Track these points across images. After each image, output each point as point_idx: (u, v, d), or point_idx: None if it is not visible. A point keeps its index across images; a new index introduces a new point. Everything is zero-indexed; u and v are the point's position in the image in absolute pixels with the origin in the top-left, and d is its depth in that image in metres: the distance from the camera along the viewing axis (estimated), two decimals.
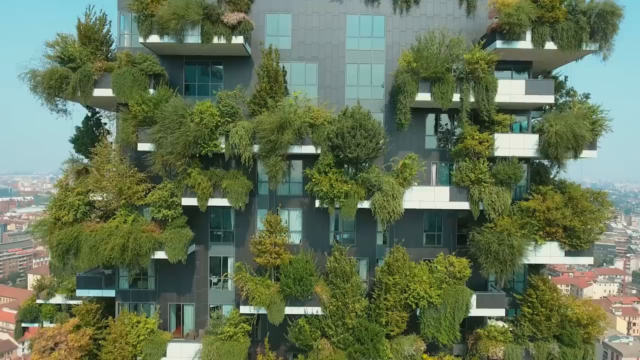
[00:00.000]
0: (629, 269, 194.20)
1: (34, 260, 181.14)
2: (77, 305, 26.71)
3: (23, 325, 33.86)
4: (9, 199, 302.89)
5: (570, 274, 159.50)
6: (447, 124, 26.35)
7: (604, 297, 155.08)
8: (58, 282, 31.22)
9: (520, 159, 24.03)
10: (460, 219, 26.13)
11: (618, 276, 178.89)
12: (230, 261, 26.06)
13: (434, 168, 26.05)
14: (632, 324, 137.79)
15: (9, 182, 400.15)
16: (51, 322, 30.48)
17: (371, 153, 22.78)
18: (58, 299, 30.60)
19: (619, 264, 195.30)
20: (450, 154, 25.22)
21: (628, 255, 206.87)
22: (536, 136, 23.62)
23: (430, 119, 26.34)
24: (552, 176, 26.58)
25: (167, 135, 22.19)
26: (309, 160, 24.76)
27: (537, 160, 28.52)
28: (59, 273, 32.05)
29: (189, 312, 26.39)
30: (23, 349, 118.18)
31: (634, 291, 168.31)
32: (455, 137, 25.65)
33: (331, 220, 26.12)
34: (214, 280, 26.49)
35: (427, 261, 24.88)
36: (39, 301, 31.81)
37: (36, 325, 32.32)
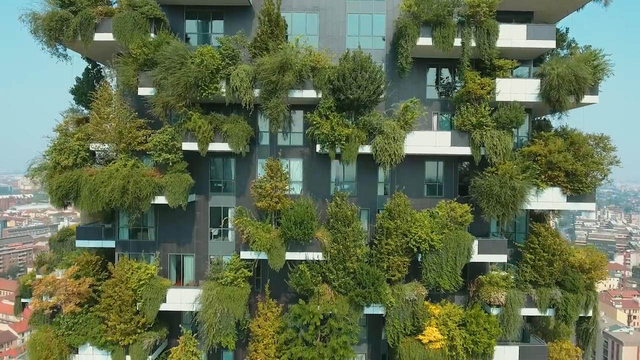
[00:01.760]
0: (629, 264, 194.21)
1: (33, 255, 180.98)
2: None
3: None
4: (9, 197, 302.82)
5: None
6: (448, 77, 26.32)
7: (604, 291, 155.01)
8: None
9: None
10: (461, 172, 26.06)
11: (618, 271, 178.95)
12: (230, 212, 25.95)
13: (435, 118, 25.99)
14: (632, 317, 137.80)
15: (8, 181, 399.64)
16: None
17: (372, 96, 22.69)
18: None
19: (619, 259, 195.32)
20: (451, 102, 25.16)
21: (628, 250, 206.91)
22: (537, 81, 23.54)
23: (432, 73, 26.32)
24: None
25: (167, 76, 22.09)
26: (310, 110, 24.59)
27: (539, 118, 28.57)
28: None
29: (189, 263, 26.28)
30: (23, 340, 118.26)
31: (634, 285, 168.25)
32: (456, 90, 25.57)
33: (332, 171, 26.03)
34: (215, 232, 26.38)
35: (428, 210, 24.77)
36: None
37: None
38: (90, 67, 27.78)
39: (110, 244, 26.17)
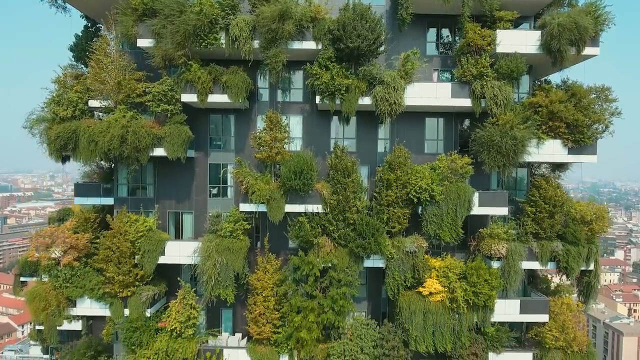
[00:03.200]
0: (629, 260, 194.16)
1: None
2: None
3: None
4: (9, 195, 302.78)
5: None
6: (448, 36, 26.21)
7: (604, 285, 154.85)
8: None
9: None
10: (461, 132, 25.93)
11: (618, 266, 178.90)
12: (229, 168, 25.80)
13: (435, 75, 25.88)
14: (632, 310, 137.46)
15: (9, 179, 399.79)
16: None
17: (372, 46, 22.57)
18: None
19: (619, 255, 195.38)
20: (452, 58, 25.05)
21: (629, 246, 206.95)
22: (538, 32, 23.40)
23: (432, 33, 26.21)
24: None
25: (167, 25, 22.00)
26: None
27: (539, 80, 28.42)
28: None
29: (187, 220, 26.13)
30: (22, 332, 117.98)
31: (634, 280, 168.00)
32: (456, 46, 25.44)
33: (332, 127, 25.90)
34: (214, 191, 26.24)
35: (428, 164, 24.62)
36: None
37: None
38: (89, 25, 27.62)
39: (109, 201, 26.03)
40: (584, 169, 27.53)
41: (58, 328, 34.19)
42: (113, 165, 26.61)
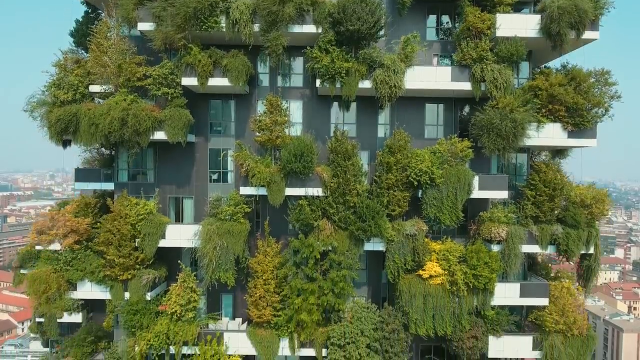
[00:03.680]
0: (629, 258, 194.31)
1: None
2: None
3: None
4: (9, 194, 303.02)
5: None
6: (448, 22, 26.26)
7: (604, 283, 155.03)
8: None
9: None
10: (461, 118, 25.95)
11: (618, 265, 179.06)
12: (230, 153, 25.82)
13: (435, 60, 25.91)
14: (632, 308, 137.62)
15: (9, 179, 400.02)
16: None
17: (372, 29, 22.61)
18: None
19: (619, 253, 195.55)
20: (452, 42, 25.08)
21: (628, 244, 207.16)
22: (538, 16, 23.44)
23: (432, 19, 26.25)
24: None
25: (167, 7, 22.04)
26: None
27: (539, 67, 28.44)
28: None
29: (188, 205, 26.17)
30: (22, 329, 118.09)
31: (634, 278, 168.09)
32: (456, 30, 25.48)
33: (332, 113, 25.94)
34: (214, 177, 26.27)
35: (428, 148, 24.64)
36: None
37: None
38: (89, 10, 27.65)
39: (109, 186, 26.07)
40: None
41: (58, 320, 34.22)
42: (114, 152, 26.67)
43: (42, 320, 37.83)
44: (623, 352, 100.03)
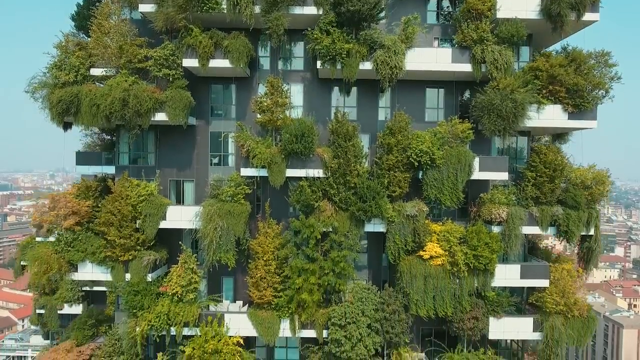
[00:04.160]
0: (629, 257, 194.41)
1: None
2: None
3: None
4: (9, 193, 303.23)
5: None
6: (448, 6, 26.30)
7: (604, 281, 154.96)
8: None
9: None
10: (462, 103, 25.97)
11: (618, 263, 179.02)
12: (230, 139, 25.83)
13: (435, 43, 25.92)
14: (632, 305, 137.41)
15: (9, 178, 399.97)
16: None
17: (372, 10, 22.68)
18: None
19: (619, 252, 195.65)
20: (452, 24, 25.11)
21: (629, 243, 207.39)
22: None
23: (433, 3, 26.28)
24: None
25: None
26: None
27: (539, 52, 28.44)
28: None
29: (189, 188, 26.20)
30: (23, 325, 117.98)
31: (634, 276, 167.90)
32: (457, 14, 25.50)
33: (333, 96, 25.98)
34: (215, 160, 26.30)
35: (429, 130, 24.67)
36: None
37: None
38: None
39: (110, 169, 26.12)
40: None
41: (59, 312, 34.25)
42: (115, 137, 26.72)
43: (42, 311, 38.03)
44: (623, 348, 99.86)
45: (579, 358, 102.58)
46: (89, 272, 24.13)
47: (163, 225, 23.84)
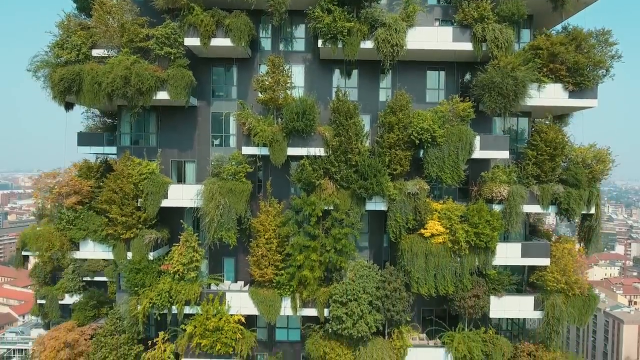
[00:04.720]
0: (629, 254, 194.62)
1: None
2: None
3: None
4: (10, 192, 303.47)
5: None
6: None
7: (604, 278, 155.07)
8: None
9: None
10: (462, 86, 26.00)
11: (619, 261, 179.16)
12: (232, 118, 25.89)
13: (436, 24, 25.89)
14: (632, 302, 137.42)
15: (9, 178, 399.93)
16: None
17: None
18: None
19: (619, 250, 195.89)
20: (453, 4, 25.15)
21: (629, 241, 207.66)
22: None
23: None
24: None
25: None
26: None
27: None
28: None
29: (190, 169, 26.24)
30: (23, 321, 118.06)
31: (634, 273, 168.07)
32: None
33: (334, 77, 26.04)
34: (216, 142, 26.35)
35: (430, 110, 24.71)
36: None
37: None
38: None
39: (112, 150, 26.20)
40: None
41: (60, 302, 34.29)
42: (116, 118, 26.76)
43: (43, 302, 38.04)
44: (623, 344, 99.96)
45: (579, 354, 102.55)
46: (91, 251, 24.17)
47: (165, 203, 23.86)
